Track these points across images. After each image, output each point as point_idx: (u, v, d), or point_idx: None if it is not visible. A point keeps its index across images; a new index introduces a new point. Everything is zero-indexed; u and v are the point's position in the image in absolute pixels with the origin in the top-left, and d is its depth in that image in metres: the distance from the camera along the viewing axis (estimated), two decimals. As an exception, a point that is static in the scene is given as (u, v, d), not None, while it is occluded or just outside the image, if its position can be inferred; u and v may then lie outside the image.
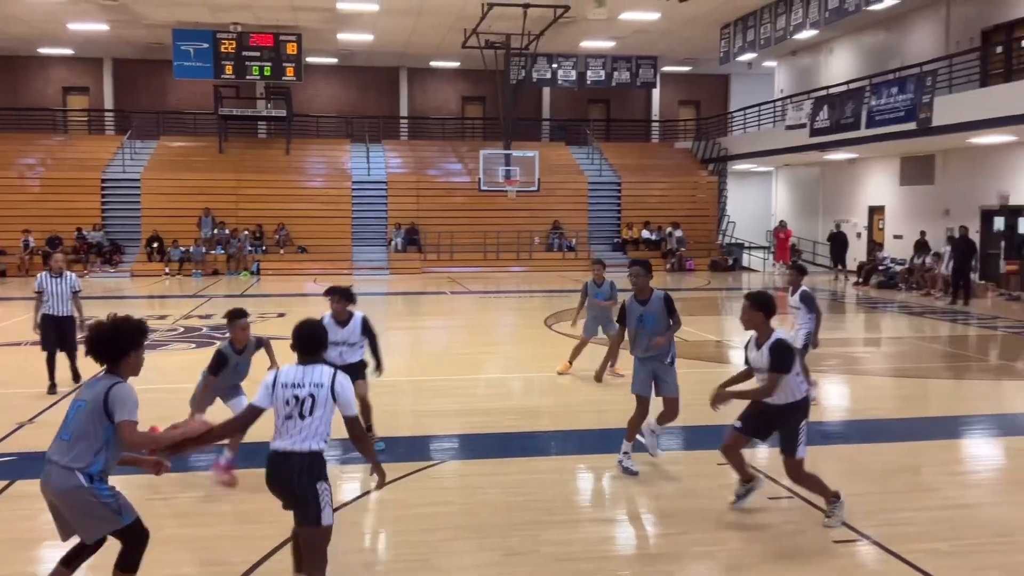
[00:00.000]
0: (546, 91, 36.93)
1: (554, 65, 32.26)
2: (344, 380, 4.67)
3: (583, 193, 32.58)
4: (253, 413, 4.76)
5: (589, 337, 11.61)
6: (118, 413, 4.27)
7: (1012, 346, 15.19)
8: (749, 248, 32.91)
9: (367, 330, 7.87)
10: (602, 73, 32.88)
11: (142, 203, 29.74)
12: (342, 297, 7.73)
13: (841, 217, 30.03)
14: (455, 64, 35.13)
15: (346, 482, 6.99)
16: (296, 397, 4.57)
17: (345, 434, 4.74)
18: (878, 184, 28.53)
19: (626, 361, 8.83)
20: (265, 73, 30.18)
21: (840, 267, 27.80)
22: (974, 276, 21.62)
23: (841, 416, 9.84)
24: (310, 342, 4.76)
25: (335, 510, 4.67)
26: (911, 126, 20.84)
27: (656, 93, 37.85)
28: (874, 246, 27.18)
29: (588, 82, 32.97)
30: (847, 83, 25.28)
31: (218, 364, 7.10)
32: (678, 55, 34.46)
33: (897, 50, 26.47)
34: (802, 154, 27.60)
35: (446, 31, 29.06)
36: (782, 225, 30.81)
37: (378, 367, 8.01)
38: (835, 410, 10.02)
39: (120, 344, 4.43)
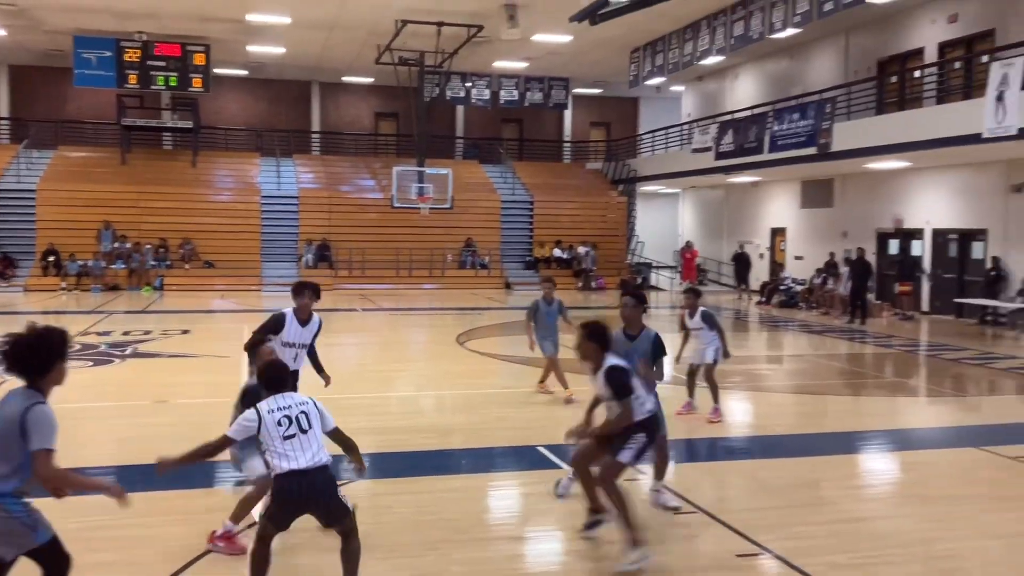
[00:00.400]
0: (460, 109, 37.06)
1: (468, 84, 32.41)
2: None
3: (496, 211, 32.74)
4: (225, 443, 4.94)
5: (552, 355, 11.15)
6: (35, 440, 3.98)
7: (905, 364, 15.87)
8: (657, 267, 33.58)
9: (318, 333, 7.71)
10: (515, 93, 33.18)
11: (37, 215, 28.52)
12: (313, 293, 7.59)
13: (745, 238, 30.93)
14: (369, 80, 34.94)
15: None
16: (288, 417, 4.85)
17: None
18: (780, 206, 29.52)
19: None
20: (171, 83, 29.38)
21: (744, 287, 28.61)
22: (871, 296, 22.54)
23: (744, 432, 10.10)
24: (281, 379, 5.14)
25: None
26: (811, 151, 21.65)
27: (568, 114, 38.39)
28: (776, 266, 28.07)
29: (501, 101, 33.22)
30: (751, 108, 26.14)
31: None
32: (589, 77, 35.06)
33: (799, 77, 27.51)
34: (708, 176, 28.36)
35: (359, 46, 28.90)
36: (688, 245, 31.56)
37: (323, 374, 7.83)
38: (738, 426, 10.27)
39: (45, 355, 4.16)
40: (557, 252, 32.04)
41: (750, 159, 24.42)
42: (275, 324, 7.38)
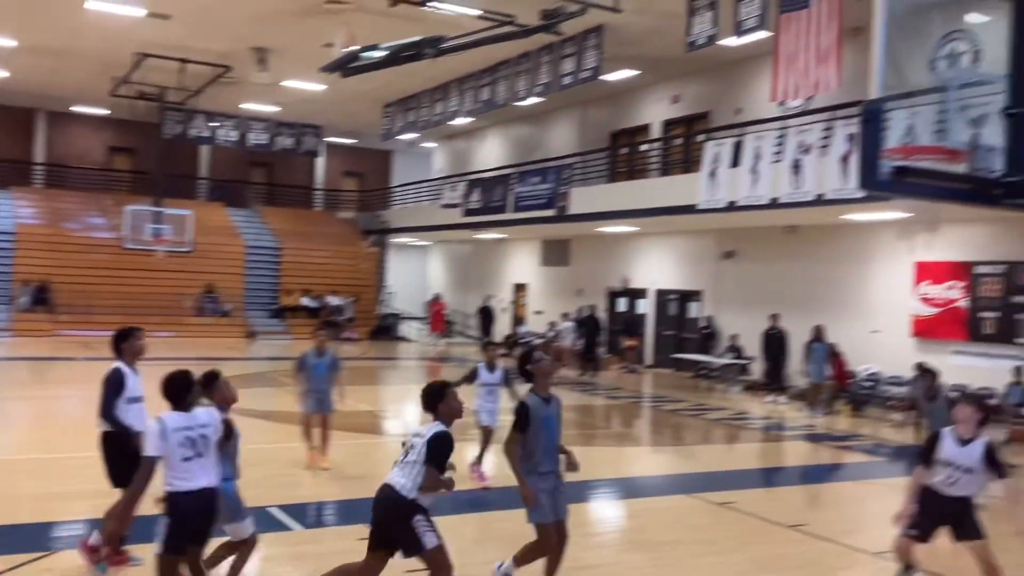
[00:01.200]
0: (205, 149, 35.60)
1: (214, 123, 31.20)
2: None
3: (240, 257, 31.61)
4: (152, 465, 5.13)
5: (316, 412, 10.20)
6: None
7: (631, 415, 17.06)
8: (406, 319, 33.85)
9: None
10: (265, 137, 32.39)
11: None
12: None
13: (490, 292, 32.01)
14: (103, 111, 32.70)
15: None
16: (190, 438, 5.13)
17: None
18: (523, 263, 30.90)
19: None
20: None
21: (488, 339, 29.47)
22: (601, 350, 24.06)
23: (505, 483, 10.35)
24: (183, 390, 5.31)
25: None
26: (550, 212, 22.91)
27: (321, 161, 38.06)
28: (517, 320, 29.25)
29: (250, 144, 32.28)
30: (497, 169, 27.30)
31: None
32: (344, 127, 35.05)
33: (541, 143, 29.14)
34: (457, 231, 29.14)
35: (94, 76, 27.04)
36: (437, 297, 32.13)
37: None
38: (497, 477, 10.49)
39: None
40: (305, 301, 31.42)
41: (495, 217, 25.40)
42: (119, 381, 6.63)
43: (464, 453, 11.45)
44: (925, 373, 10.32)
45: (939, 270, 17.20)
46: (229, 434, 5.86)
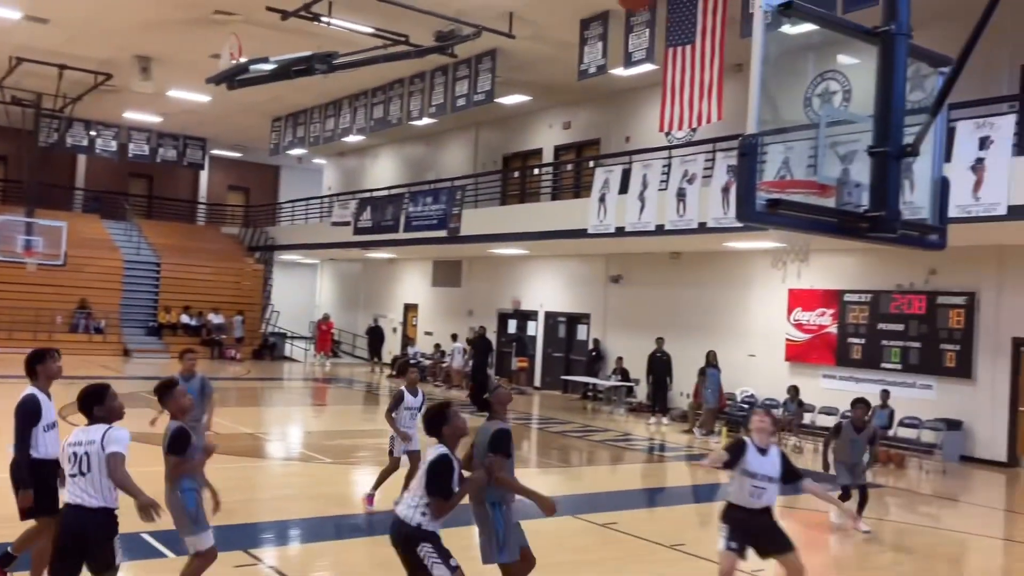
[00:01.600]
0: (82, 159, 34.13)
1: (93, 132, 30.03)
2: (115, 433, 5.11)
3: (118, 271, 30.32)
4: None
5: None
6: None
7: (519, 436, 17.08)
8: (292, 338, 33.14)
9: None
10: (146, 148, 31.37)
11: None
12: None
13: (380, 312, 31.70)
14: (-30, 116, 30.97)
15: None
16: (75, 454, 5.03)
17: None
18: (414, 283, 30.75)
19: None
20: None
21: (376, 359, 29.18)
22: (491, 371, 24.10)
23: (360, 509, 10.18)
24: (91, 400, 5.24)
25: None
26: (442, 233, 22.92)
27: (204, 175, 37.01)
28: (407, 341, 29.04)
29: (130, 155, 31.19)
30: (389, 188, 27.14)
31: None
32: (229, 140, 34.22)
33: (434, 163, 29.16)
34: (346, 250, 28.80)
35: (-39, 78, 25.60)
36: (325, 317, 31.60)
37: None
38: (358, 503, 10.31)
39: None
40: (185, 319, 30.37)
41: (387, 236, 25.24)
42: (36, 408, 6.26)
43: (352, 476, 11.30)
44: (859, 403, 10.54)
45: (810, 298, 18.01)
46: (186, 445, 5.92)
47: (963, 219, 12.23)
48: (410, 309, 30.94)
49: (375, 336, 29.69)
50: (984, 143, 12.37)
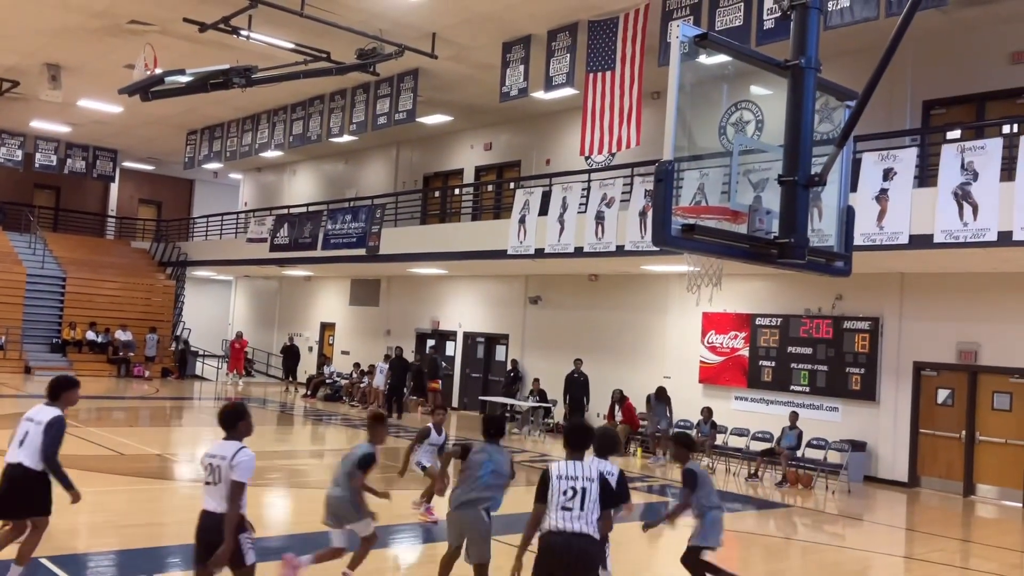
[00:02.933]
0: (-17, 168, 32.74)
1: (-4, 140, 28.88)
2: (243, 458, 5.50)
3: (20, 285, 29.07)
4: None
5: None
6: None
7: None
8: (204, 356, 32.29)
9: None
10: (53, 158, 30.30)
11: None
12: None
13: (296, 331, 31.16)
14: None
15: None
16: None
17: None
18: (331, 302, 30.34)
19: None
20: None
21: (291, 379, 28.65)
22: (407, 392, 23.89)
23: (282, 530, 9.98)
24: (235, 417, 5.75)
25: None
26: (361, 252, 22.71)
27: (115, 187, 35.91)
28: (323, 360, 28.60)
29: (36, 165, 30.09)
30: (307, 205, 26.78)
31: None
32: (142, 152, 33.31)
33: (354, 181, 28.91)
34: (262, 267, 28.28)
35: None
36: (238, 335, 30.90)
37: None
38: (276, 524, 10.13)
39: None
40: (91, 335, 29.31)
41: (304, 254, 24.88)
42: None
43: (263, 498, 11.02)
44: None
45: (724, 321, 18.42)
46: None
47: (868, 247, 12.71)
48: (327, 328, 30.51)
49: (289, 355, 29.16)
50: (888, 174, 12.90)
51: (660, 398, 17.80)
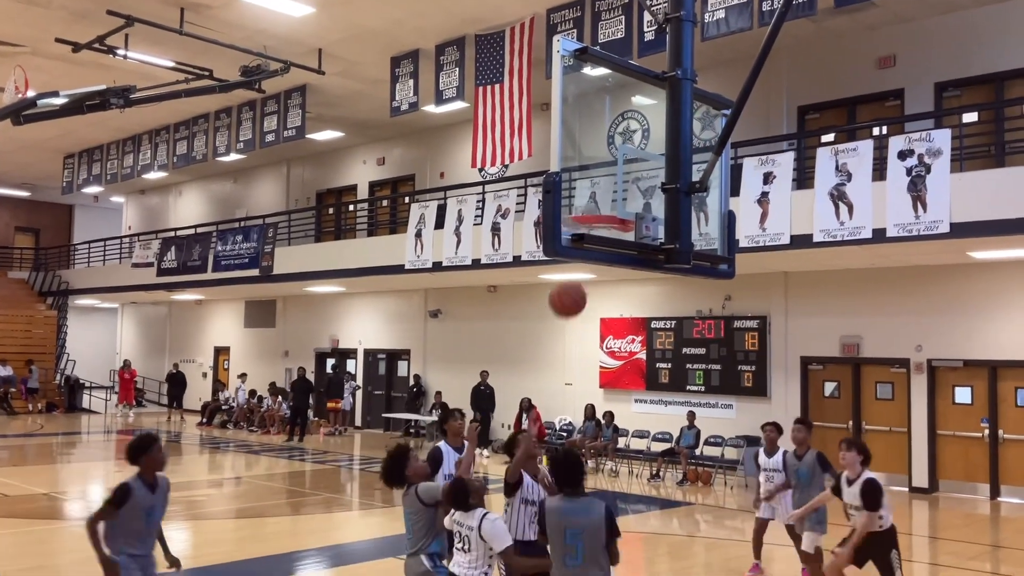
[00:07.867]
0: None
1: None
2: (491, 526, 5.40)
3: None
4: None
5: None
6: None
7: (337, 479, 16.74)
8: (91, 388, 30.91)
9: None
10: (-83, 186, 28.59)
11: None
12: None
13: (188, 357, 30.18)
14: None
15: None
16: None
17: None
18: (224, 325, 29.52)
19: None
20: None
21: (176, 406, 27.52)
22: (309, 414, 23.46)
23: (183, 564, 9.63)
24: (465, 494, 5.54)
25: None
26: (254, 272, 22.20)
27: (-13, 215, 34.14)
28: (219, 386, 27.77)
29: (-102, 195, 28.33)
30: (195, 227, 26.02)
31: None
32: (16, 178, 31.77)
33: (243, 200, 28.24)
34: (150, 292, 27.31)
35: None
36: (127, 365, 29.69)
37: None
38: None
39: None
40: (-35, 372, 27.71)
41: (194, 277, 24.17)
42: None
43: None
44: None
45: (620, 326, 18.78)
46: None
47: (752, 248, 13.17)
48: (221, 352, 29.66)
49: (175, 383, 28.02)
50: (768, 178, 13.41)
51: (589, 417, 17.84)
